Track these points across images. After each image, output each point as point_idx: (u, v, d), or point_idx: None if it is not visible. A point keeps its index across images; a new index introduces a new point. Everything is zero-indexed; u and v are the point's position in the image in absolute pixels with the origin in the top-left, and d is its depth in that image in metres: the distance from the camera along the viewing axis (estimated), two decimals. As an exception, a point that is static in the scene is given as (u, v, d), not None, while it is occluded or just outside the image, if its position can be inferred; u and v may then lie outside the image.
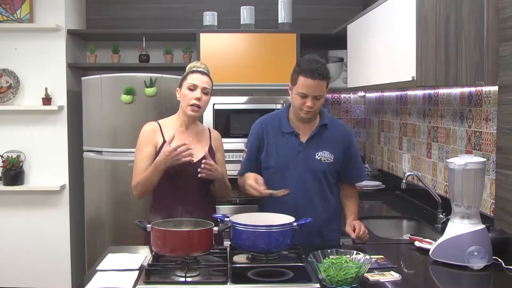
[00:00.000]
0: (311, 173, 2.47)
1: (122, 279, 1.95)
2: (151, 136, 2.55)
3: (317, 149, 2.49)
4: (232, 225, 2.09)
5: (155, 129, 2.57)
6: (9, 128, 4.17)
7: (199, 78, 2.52)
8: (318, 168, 2.48)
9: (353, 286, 1.85)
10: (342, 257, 1.96)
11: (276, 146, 2.51)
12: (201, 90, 2.51)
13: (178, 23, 4.56)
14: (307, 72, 2.37)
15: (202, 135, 2.63)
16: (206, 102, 2.55)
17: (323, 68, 2.39)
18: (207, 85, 2.53)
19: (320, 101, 2.42)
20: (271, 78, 3.93)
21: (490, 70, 2.51)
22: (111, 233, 3.96)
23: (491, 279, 2.09)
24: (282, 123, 2.53)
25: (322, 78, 2.38)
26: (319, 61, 2.41)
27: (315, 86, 2.37)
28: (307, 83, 2.37)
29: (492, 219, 2.53)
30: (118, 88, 3.92)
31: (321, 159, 2.48)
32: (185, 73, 2.58)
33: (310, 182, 2.47)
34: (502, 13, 2.46)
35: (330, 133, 2.52)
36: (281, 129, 2.52)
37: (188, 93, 2.51)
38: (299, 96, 2.41)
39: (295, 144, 2.49)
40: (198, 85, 2.50)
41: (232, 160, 3.87)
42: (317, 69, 2.37)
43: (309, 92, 2.38)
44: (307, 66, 2.38)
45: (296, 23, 4.15)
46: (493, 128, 2.58)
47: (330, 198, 2.54)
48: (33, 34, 4.13)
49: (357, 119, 4.75)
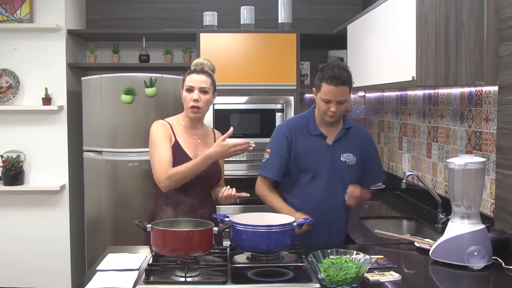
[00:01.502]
0: (338, 175, 2.55)
1: (122, 279, 1.95)
2: (167, 132, 2.53)
3: (342, 151, 2.57)
4: (232, 225, 2.09)
5: (168, 126, 2.56)
6: (9, 128, 4.17)
7: (195, 79, 2.51)
8: (344, 169, 2.56)
9: (353, 286, 1.86)
10: (342, 257, 1.96)
11: (306, 147, 2.57)
12: (199, 90, 2.50)
13: (178, 23, 4.56)
14: (330, 79, 2.42)
15: (208, 136, 2.64)
16: (207, 101, 2.53)
17: (345, 74, 2.44)
18: (205, 84, 2.51)
19: (343, 105, 2.49)
20: (271, 78, 3.93)
21: (490, 70, 2.51)
22: (111, 233, 3.96)
23: (491, 279, 2.09)
24: (310, 125, 2.60)
25: (344, 85, 2.44)
26: (341, 67, 2.47)
27: (338, 92, 2.44)
28: (330, 90, 2.43)
29: (492, 219, 2.53)
30: (118, 88, 3.92)
31: (346, 160, 2.56)
32: (185, 74, 2.58)
33: (338, 184, 2.54)
34: (502, 13, 2.46)
35: (352, 136, 2.61)
36: (309, 131, 2.59)
37: (187, 95, 2.51)
38: (323, 102, 2.48)
39: (322, 146, 2.56)
40: (194, 86, 2.50)
41: (232, 160, 3.87)
42: (340, 77, 2.42)
43: (332, 98, 2.45)
44: (329, 73, 2.43)
45: (296, 23, 4.15)
46: (493, 128, 2.58)
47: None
48: (33, 34, 4.13)
49: (357, 119, 4.74)
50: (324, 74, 2.46)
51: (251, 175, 3.81)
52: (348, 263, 1.90)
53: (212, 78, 2.57)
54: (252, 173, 3.82)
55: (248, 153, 3.91)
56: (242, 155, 3.89)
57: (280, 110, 3.92)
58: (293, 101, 4.00)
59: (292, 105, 3.95)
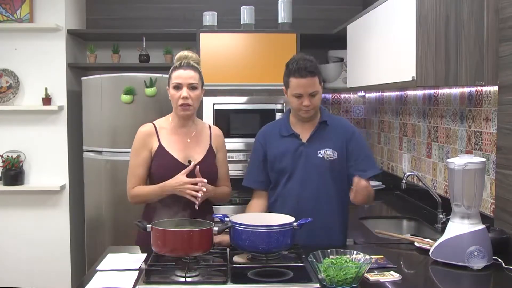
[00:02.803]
0: (316, 172, 2.45)
1: (122, 279, 1.95)
2: (146, 140, 2.46)
3: (319, 147, 2.47)
4: (232, 225, 2.09)
5: (151, 132, 2.48)
6: (9, 128, 4.17)
7: (182, 75, 2.40)
8: (321, 165, 2.45)
9: (353, 286, 1.85)
10: (342, 257, 1.96)
11: (278, 150, 2.51)
12: (188, 87, 2.40)
13: (178, 23, 4.56)
14: (297, 72, 2.38)
15: (201, 134, 2.54)
16: (197, 97, 2.43)
17: (310, 64, 2.38)
18: (193, 79, 2.41)
19: (316, 98, 2.42)
20: (271, 78, 3.92)
21: (490, 70, 2.50)
22: (111, 233, 3.96)
23: (491, 279, 2.09)
24: (281, 128, 2.54)
25: (312, 75, 2.38)
26: (306, 58, 2.41)
27: (307, 84, 2.38)
28: (299, 83, 2.38)
29: (492, 219, 2.53)
30: (118, 88, 3.92)
31: (324, 156, 2.45)
32: (170, 70, 2.47)
33: (315, 181, 2.45)
34: (502, 13, 2.46)
35: (331, 130, 2.50)
36: (281, 133, 2.52)
37: (175, 93, 2.41)
38: (295, 98, 2.42)
39: (296, 145, 2.49)
40: (182, 82, 2.39)
41: (232, 160, 3.87)
42: (305, 67, 2.37)
43: (303, 91, 2.39)
44: (295, 66, 2.39)
45: (296, 23, 4.15)
46: (493, 128, 2.57)
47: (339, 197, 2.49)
48: (33, 34, 4.13)
49: (357, 119, 4.75)
50: (290, 69, 2.41)
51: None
52: (348, 263, 1.90)
53: (200, 72, 2.46)
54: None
55: (247, 153, 3.92)
56: (241, 155, 3.90)
57: (280, 110, 3.92)
58: (293, 101, 4.00)
59: (292, 105, 3.95)
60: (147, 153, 2.46)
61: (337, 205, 2.50)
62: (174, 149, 2.45)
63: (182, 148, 2.46)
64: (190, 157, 2.44)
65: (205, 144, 2.52)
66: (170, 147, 2.45)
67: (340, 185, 2.49)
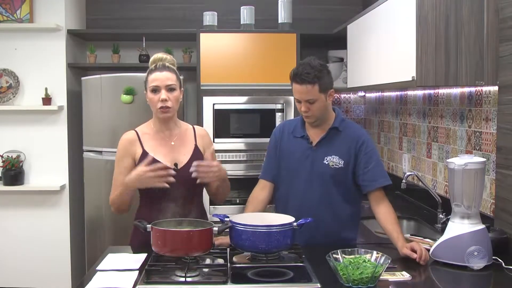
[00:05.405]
0: (318, 177, 2.42)
1: (122, 279, 1.95)
2: (128, 148, 2.39)
3: (326, 153, 2.42)
4: (232, 225, 2.09)
5: (132, 139, 2.41)
6: (9, 128, 4.17)
7: (159, 77, 2.33)
8: (326, 172, 2.41)
9: (370, 286, 1.84)
10: (361, 256, 1.95)
11: (288, 149, 2.50)
12: (166, 89, 2.33)
13: (178, 23, 4.56)
14: (297, 77, 2.33)
15: (185, 135, 2.47)
16: (176, 98, 2.36)
17: (311, 71, 2.29)
18: (171, 81, 2.34)
19: (315, 105, 2.35)
20: (271, 78, 3.93)
21: (490, 70, 2.51)
22: (111, 233, 3.96)
23: (491, 279, 2.09)
24: (296, 128, 2.52)
25: (309, 83, 2.29)
26: (309, 64, 2.32)
27: (303, 91, 2.32)
28: (296, 89, 2.35)
29: (492, 219, 2.53)
30: (118, 88, 3.93)
31: (329, 163, 2.41)
32: (146, 73, 2.40)
33: (316, 186, 2.43)
34: (502, 13, 2.46)
35: (341, 137, 2.44)
36: (294, 133, 2.51)
37: (153, 97, 2.34)
38: (296, 101, 2.41)
39: (305, 148, 2.46)
40: (160, 85, 2.32)
41: (232, 160, 3.87)
42: (302, 74, 2.29)
43: (299, 97, 2.36)
44: (294, 71, 2.34)
45: (296, 23, 4.15)
46: (493, 128, 2.58)
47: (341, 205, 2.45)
48: (33, 34, 4.13)
49: (357, 119, 4.75)
50: (291, 73, 2.37)
51: (249, 175, 3.81)
52: (366, 262, 1.90)
53: (176, 73, 2.40)
54: (251, 173, 3.82)
55: (247, 153, 3.93)
56: (241, 155, 3.90)
57: (280, 110, 3.92)
58: (293, 101, 4.00)
59: (292, 105, 3.95)
60: (130, 161, 2.39)
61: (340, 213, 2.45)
62: (158, 153, 2.38)
63: (167, 152, 2.40)
64: (175, 160, 2.38)
65: (190, 145, 2.46)
66: (154, 151, 2.38)
67: (343, 193, 2.44)
